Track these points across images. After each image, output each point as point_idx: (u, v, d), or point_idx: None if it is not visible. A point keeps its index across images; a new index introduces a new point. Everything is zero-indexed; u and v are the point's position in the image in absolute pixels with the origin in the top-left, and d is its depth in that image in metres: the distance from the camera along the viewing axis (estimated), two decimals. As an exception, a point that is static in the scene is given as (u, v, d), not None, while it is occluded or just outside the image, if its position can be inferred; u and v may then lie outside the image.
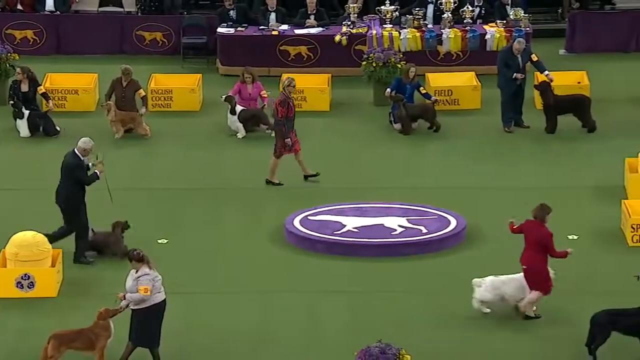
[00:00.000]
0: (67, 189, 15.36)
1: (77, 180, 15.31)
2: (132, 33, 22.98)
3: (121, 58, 21.94)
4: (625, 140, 18.64)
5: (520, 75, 19.16)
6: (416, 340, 13.73)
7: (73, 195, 15.34)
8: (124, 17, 23.47)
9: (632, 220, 15.82)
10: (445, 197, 17.21)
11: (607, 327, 13.23)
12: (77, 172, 15.31)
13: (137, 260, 13.11)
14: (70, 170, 15.34)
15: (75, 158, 15.40)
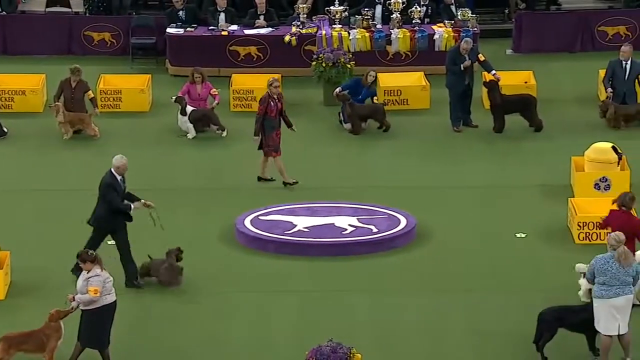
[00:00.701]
0: (100, 209, 14.61)
1: (107, 199, 14.48)
2: (80, 33, 22.81)
3: (69, 59, 21.77)
4: (571, 139, 18.78)
5: (468, 62, 19.20)
6: (367, 339, 13.74)
7: (105, 217, 14.54)
8: (72, 17, 23.28)
9: (578, 218, 15.93)
10: (395, 196, 17.24)
11: (554, 324, 13.30)
12: (107, 191, 14.51)
13: (90, 260, 13.01)
14: (102, 189, 14.55)
15: (111, 177, 14.57)
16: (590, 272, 13.14)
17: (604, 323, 13.05)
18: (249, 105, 20.75)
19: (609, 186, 16.73)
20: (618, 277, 12.98)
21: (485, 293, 14.78)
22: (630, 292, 13.04)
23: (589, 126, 19.31)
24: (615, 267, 12.97)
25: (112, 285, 13.08)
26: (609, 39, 22.36)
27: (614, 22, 22.48)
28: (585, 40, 22.54)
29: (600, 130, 19.00)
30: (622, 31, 22.39)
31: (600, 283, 13.04)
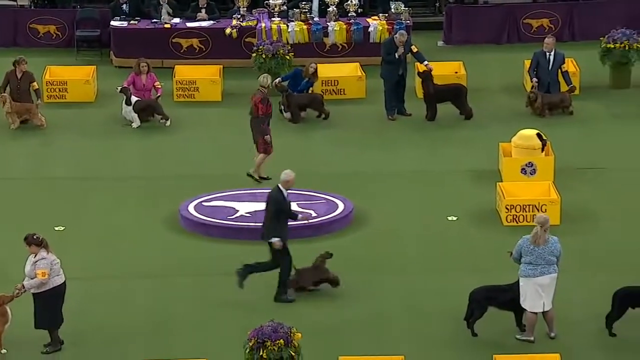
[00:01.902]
0: (272, 224, 14.29)
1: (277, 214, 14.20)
2: (26, 26, 22.65)
3: (15, 51, 21.60)
4: (499, 126, 19.01)
5: (401, 49, 19.35)
6: (306, 319, 13.88)
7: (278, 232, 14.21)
8: (17, 10, 23.09)
9: (506, 201, 16.18)
10: (333, 182, 17.38)
11: (484, 302, 13.54)
12: (276, 206, 14.23)
13: (36, 244, 13.00)
14: (271, 205, 14.28)
15: (278, 193, 14.32)
16: (517, 252, 13.41)
17: (530, 300, 13.31)
18: (192, 95, 20.78)
19: (534, 171, 17.02)
20: (543, 257, 13.24)
21: (420, 274, 14.98)
22: (554, 271, 13.32)
23: (515, 114, 19.56)
24: (540, 247, 13.24)
25: (60, 267, 13.10)
26: (534, 31, 22.65)
27: (538, 15, 22.77)
28: (511, 32, 22.81)
29: (526, 118, 19.25)
30: (546, 24, 22.70)
31: (527, 262, 13.30)
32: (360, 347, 13.36)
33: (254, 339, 12.49)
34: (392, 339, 13.60)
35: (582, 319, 13.72)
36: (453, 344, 13.45)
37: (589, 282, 14.46)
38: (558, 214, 15.88)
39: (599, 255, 15.21)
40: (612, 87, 20.55)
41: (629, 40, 20.27)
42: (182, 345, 13.44)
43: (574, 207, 16.29)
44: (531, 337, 13.40)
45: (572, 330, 13.53)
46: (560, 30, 22.51)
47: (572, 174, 17.36)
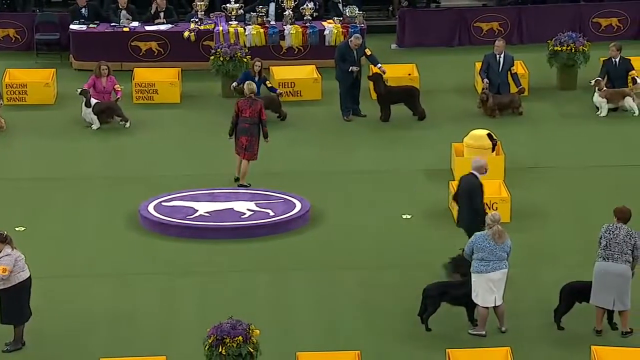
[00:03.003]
0: (468, 212, 14.25)
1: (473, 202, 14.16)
2: (-15, 30, 22.53)
3: (-25, 55, 21.50)
4: (451, 127, 19.14)
5: (355, 67, 19.51)
6: (265, 316, 13.92)
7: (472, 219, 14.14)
8: (-24, 14, 22.97)
9: (459, 200, 16.29)
10: (290, 181, 17.43)
11: (437, 298, 13.64)
12: (472, 194, 14.22)
13: (0, 241, 12.98)
14: (467, 192, 14.25)
15: (473, 178, 14.30)
16: (470, 248, 13.53)
17: (482, 296, 13.44)
18: (151, 97, 20.75)
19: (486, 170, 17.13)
20: (495, 253, 13.38)
21: (375, 270, 15.07)
22: (505, 267, 13.46)
23: (467, 115, 19.71)
24: (491, 244, 13.37)
25: (25, 262, 13.07)
26: (484, 34, 22.83)
27: (488, 18, 22.95)
28: (462, 35, 22.97)
29: (477, 119, 19.40)
30: (496, 27, 22.88)
31: (479, 259, 13.43)
32: (318, 343, 13.41)
33: (213, 335, 12.51)
34: (349, 335, 13.67)
35: (532, 313, 13.87)
36: (408, 339, 13.55)
37: (538, 278, 14.62)
38: (508, 212, 16.03)
39: (548, 251, 15.38)
40: (560, 88, 20.76)
41: (575, 43, 20.49)
42: (142, 343, 13.43)
43: (524, 204, 16.45)
44: (483, 332, 13.52)
45: (522, 324, 13.68)
46: (510, 33, 22.71)
47: (521, 172, 17.53)
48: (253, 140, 17.06)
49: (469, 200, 14.41)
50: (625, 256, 13.23)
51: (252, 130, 17.05)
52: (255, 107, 17.09)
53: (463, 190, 14.55)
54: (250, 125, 17.03)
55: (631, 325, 13.48)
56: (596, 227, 13.60)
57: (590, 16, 22.68)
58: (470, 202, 14.38)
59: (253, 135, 17.06)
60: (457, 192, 14.81)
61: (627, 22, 22.68)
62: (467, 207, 14.49)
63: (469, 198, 14.42)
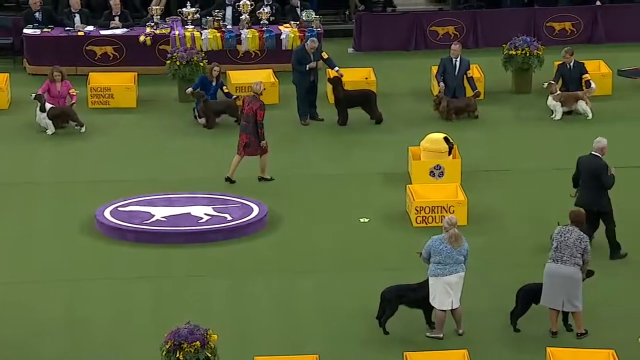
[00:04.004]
0: (596, 192, 14.47)
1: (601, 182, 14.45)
2: (-62, 34, 22.31)
3: None
4: (408, 130, 19.22)
5: (313, 63, 19.50)
6: (223, 320, 13.90)
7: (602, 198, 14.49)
8: None
9: (416, 203, 16.38)
10: (248, 186, 17.41)
11: (395, 301, 13.69)
12: (601, 173, 14.46)
13: None
14: (593, 173, 14.48)
15: (596, 159, 14.54)
16: (427, 251, 13.59)
17: (439, 299, 13.51)
18: (107, 102, 20.66)
19: (442, 173, 17.25)
20: (451, 257, 13.45)
21: (334, 274, 15.09)
22: (462, 270, 13.54)
23: (423, 118, 19.80)
24: (448, 247, 13.44)
25: None
26: (440, 38, 22.96)
27: (443, 22, 23.08)
28: (418, 39, 23.08)
29: (434, 122, 19.49)
30: (451, 31, 23.02)
31: (436, 262, 13.49)
32: (276, 347, 13.41)
33: (171, 341, 12.47)
34: (306, 339, 13.68)
35: (488, 316, 13.95)
36: (366, 342, 13.58)
37: (495, 280, 14.71)
38: (465, 215, 16.13)
39: (504, 254, 15.49)
40: (515, 92, 20.92)
41: (529, 47, 20.66)
42: (98, 349, 13.36)
43: (481, 207, 16.55)
44: (440, 334, 13.59)
45: (479, 327, 13.76)
46: (465, 37, 22.85)
47: (478, 176, 17.64)
48: (252, 138, 17.23)
49: (596, 180, 14.46)
50: (575, 259, 13.36)
51: (248, 128, 17.24)
52: (251, 106, 17.25)
53: (588, 171, 14.63)
54: (247, 123, 17.25)
55: (586, 327, 13.60)
56: (551, 230, 13.70)
57: (544, 20, 22.88)
58: (599, 182, 14.45)
59: (251, 133, 17.22)
60: (579, 174, 14.79)
61: (580, 26, 22.90)
62: (594, 187, 14.55)
63: (597, 178, 14.48)
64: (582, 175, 14.89)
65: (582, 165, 14.92)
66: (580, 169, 14.95)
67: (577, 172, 15.04)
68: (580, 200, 14.84)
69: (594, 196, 14.73)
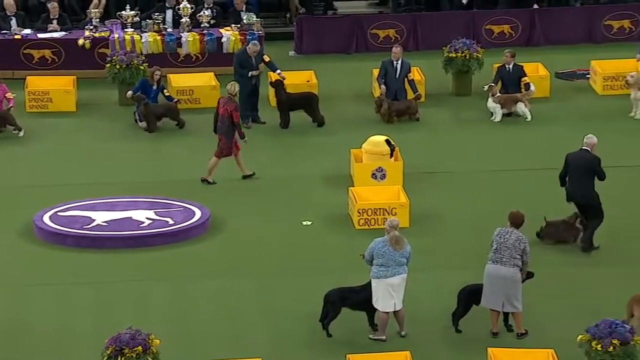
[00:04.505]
0: (589, 186, 14.71)
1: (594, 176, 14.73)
2: None
3: None
4: (350, 133, 19.28)
5: (255, 72, 19.51)
6: (165, 325, 13.84)
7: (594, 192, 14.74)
8: None
9: (358, 206, 16.43)
10: (189, 189, 17.37)
11: (338, 303, 13.73)
12: (596, 166, 14.74)
13: None
14: (588, 167, 14.72)
15: (588, 154, 14.78)
16: (369, 254, 13.65)
17: (382, 301, 13.57)
18: (45, 106, 20.48)
19: (384, 175, 17.34)
20: (394, 259, 13.52)
21: (277, 277, 15.09)
22: (404, 272, 13.61)
23: (365, 121, 19.88)
24: (390, 249, 13.50)
25: None
26: (381, 41, 23.08)
27: (384, 25, 23.19)
28: (359, 42, 23.17)
29: (376, 125, 19.58)
30: (392, 34, 23.13)
31: (378, 264, 13.55)
32: (219, 352, 13.38)
33: (112, 346, 12.39)
34: (250, 342, 13.67)
35: (431, 317, 14.05)
36: (309, 344, 13.60)
37: (437, 282, 14.81)
38: (407, 217, 16.22)
39: (446, 255, 15.60)
40: (455, 94, 21.08)
41: (469, 49, 20.83)
42: (38, 355, 13.25)
43: (422, 209, 16.66)
44: (383, 336, 13.65)
45: (422, 328, 13.84)
46: (406, 40, 22.99)
47: (420, 177, 17.75)
48: (224, 139, 17.35)
49: (589, 174, 14.68)
50: (514, 260, 13.50)
51: (222, 129, 17.35)
52: (227, 107, 17.35)
53: (580, 165, 14.83)
54: (222, 124, 17.37)
55: (526, 327, 13.74)
56: (492, 231, 13.83)
57: (483, 23, 23.09)
58: (591, 176, 14.69)
59: (223, 134, 17.32)
60: (569, 169, 15.00)
61: (519, 29, 23.15)
62: (586, 181, 14.79)
63: (590, 172, 14.69)
64: (573, 170, 15.05)
65: (572, 160, 15.10)
66: (570, 164, 15.12)
67: (565, 169, 15.22)
68: (572, 194, 15.06)
69: (586, 189, 14.96)
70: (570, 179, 15.10)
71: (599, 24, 23.03)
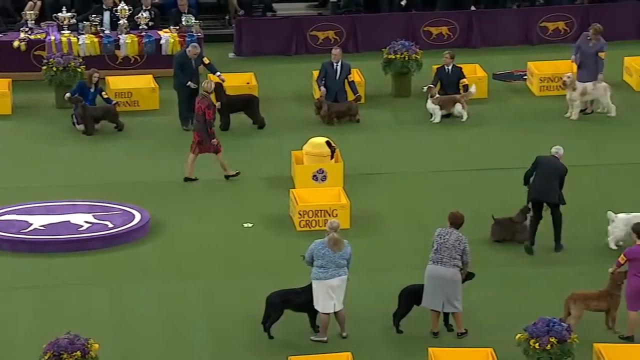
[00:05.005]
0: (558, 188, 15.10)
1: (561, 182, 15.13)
2: None
3: None
4: (290, 135, 19.29)
5: (193, 84, 19.46)
6: (105, 329, 13.75)
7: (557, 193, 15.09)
8: None
9: (299, 207, 16.46)
10: (129, 192, 17.27)
11: (280, 305, 13.74)
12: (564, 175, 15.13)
13: None
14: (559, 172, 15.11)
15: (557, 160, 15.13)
16: (309, 256, 13.68)
17: (322, 302, 13.60)
18: (-18, 109, 20.27)
19: (325, 177, 17.38)
20: (334, 261, 13.55)
21: (218, 280, 15.07)
22: (344, 274, 13.65)
23: (306, 122, 19.90)
24: (330, 251, 13.54)
25: None
26: (320, 43, 23.12)
27: (323, 27, 23.24)
28: (299, 44, 23.19)
29: (316, 127, 19.61)
30: (331, 36, 23.19)
31: (318, 266, 13.59)
32: (160, 354, 13.33)
33: (50, 351, 12.31)
34: (191, 345, 13.63)
35: (372, 318, 14.11)
36: (251, 347, 13.59)
37: (378, 282, 14.88)
38: (348, 218, 16.27)
39: (387, 256, 15.68)
40: (395, 95, 21.19)
41: (408, 51, 20.96)
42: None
43: (363, 210, 16.72)
44: (324, 338, 13.69)
45: (363, 329, 13.90)
46: (345, 41, 23.06)
47: (360, 179, 17.82)
48: (203, 136, 17.45)
49: (557, 178, 15.07)
50: (454, 260, 13.61)
51: (198, 127, 17.47)
52: (200, 105, 17.44)
53: (551, 168, 15.16)
54: (197, 122, 17.46)
55: (466, 327, 13.86)
56: (432, 232, 13.93)
57: (421, 25, 23.24)
58: (558, 180, 15.09)
59: (202, 131, 17.44)
60: (538, 169, 15.25)
61: (457, 30, 23.33)
62: (552, 182, 15.07)
63: (560, 177, 15.10)
64: (543, 170, 15.28)
65: (543, 161, 15.36)
66: (541, 164, 15.34)
67: (532, 169, 15.44)
68: (538, 193, 15.28)
69: (551, 189, 15.21)
70: (537, 179, 15.33)
71: (535, 26, 23.29)
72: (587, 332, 13.36)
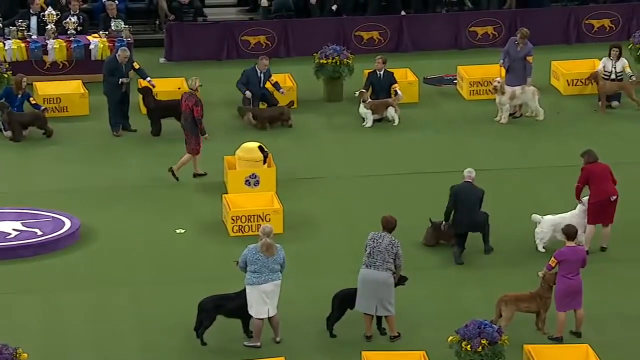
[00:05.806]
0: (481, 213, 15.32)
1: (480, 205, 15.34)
2: None
3: None
4: (223, 140, 19.21)
5: (125, 79, 19.32)
6: (34, 338, 13.59)
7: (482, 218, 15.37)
8: None
9: (232, 213, 16.41)
10: (59, 199, 17.08)
11: (212, 311, 13.68)
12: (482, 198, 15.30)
13: None
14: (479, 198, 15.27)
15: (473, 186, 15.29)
16: (243, 261, 13.63)
17: (256, 307, 13.57)
18: None
19: (258, 182, 17.35)
20: (267, 266, 13.52)
21: (150, 286, 14.96)
22: (277, 279, 13.63)
23: (238, 128, 19.85)
24: (263, 256, 13.52)
25: None
26: (252, 48, 23.08)
27: (255, 32, 23.20)
28: (230, 48, 23.14)
29: (249, 132, 19.57)
30: (263, 40, 23.15)
31: (252, 271, 13.55)
32: (92, 363, 13.19)
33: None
34: (122, 353, 13.51)
35: (305, 322, 14.10)
36: (183, 353, 13.51)
37: (311, 286, 14.88)
38: (281, 223, 16.26)
39: (320, 260, 15.68)
40: (327, 100, 21.23)
41: (339, 56, 21.01)
42: None
43: (296, 215, 16.72)
44: (258, 343, 13.65)
45: (296, 333, 13.89)
46: (277, 46, 23.05)
47: (293, 183, 17.82)
48: (188, 135, 17.40)
49: (479, 203, 15.33)
50: (387, 264, 13.66)
51: (185, 125, 17.48)
52: (187, 102, 17.40)
53: (472, 196, 15.28)
54: (185, 120, 17.39)
55: (399, 330, 13.92)
56: (365, 236, 13.97)
57: (352, 30, 23.32)
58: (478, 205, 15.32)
59: (186, 130, 17.38)
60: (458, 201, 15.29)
61: (387, 35, 23.44)
62: (476, 210, 15.28)
63: (480, 202, 15.33)
64: (462, 201, 15.29)
65: (460, 193, 15.34)
66: (460, 196, 15.30)
67: (452, 202, 15.35)
68: (465, 225, 15.34)
69: (476, 218, 15.38)
70: (460, 211, 15.31)
71: (464, 31, 23.49)
72: (517, 334, 13.49)
